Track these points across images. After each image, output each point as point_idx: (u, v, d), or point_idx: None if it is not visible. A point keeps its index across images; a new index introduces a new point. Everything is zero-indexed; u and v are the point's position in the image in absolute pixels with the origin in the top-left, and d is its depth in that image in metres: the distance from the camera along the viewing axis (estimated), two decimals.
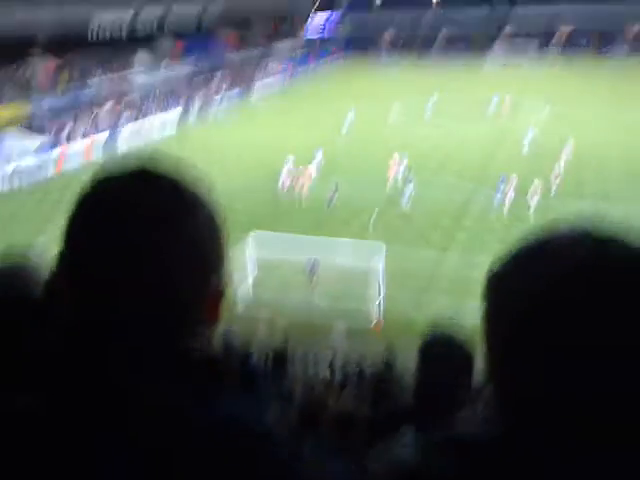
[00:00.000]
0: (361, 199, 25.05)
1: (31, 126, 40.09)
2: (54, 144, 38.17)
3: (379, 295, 16.80)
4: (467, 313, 16.39)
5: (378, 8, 77.94)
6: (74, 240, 0.84)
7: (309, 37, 77.37)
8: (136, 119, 45.25)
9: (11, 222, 24.77)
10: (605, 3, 67.47)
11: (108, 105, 45.97)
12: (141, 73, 52.28)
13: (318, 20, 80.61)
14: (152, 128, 44.18)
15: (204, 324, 0.89)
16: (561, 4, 70.49)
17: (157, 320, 0.83)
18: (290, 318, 16.43)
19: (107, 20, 51.36)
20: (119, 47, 52.80)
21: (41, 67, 46.83)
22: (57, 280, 0.85)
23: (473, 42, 71.22)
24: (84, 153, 38.46)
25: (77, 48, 49.44)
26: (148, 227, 0.82)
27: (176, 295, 0.84)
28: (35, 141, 37.88)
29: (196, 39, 61.03)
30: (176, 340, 0.85)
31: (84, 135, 40.61)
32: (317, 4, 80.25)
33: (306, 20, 79.87)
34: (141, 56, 54.41)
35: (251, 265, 18.14)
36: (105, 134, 41.46)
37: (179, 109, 48.48)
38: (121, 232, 0.81)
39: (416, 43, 73.01)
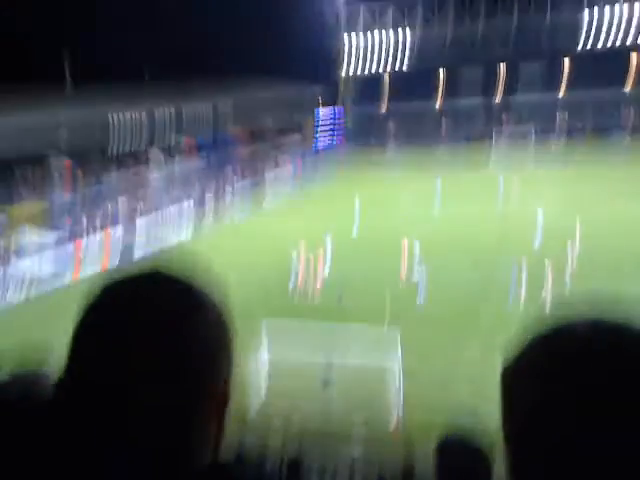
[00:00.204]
0: (374, 295, 25.14)
1: (46, 224, 40.92)
2: (70, 241, 38.89)
3: (398, 397, 16.54)
4: (487, 413, 16.20)
5: (382, 104, 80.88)
6: (79, 343, 0.86)
7: (317, 130, 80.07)
8: (150, 214, 46.28)
9: (28, 330, 24.88)
10: (601, 89, 70.03)
11: (122, 201, 47.11)
12: (154, 169, 53.85)
13: (323, 115, 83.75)
14: (166, 223, 45.07)
15: (211, 430, 0.87)
16: (558, 92, 73.29)
17: (162, 426, 0.82)
18: (305, 422, 16.12)
19: (120, 119, 53.47)
20: (132, 144, 54.80)
21: (56, 166, 48.35)
22: (64, 384, 0.86)
23: (475, 134, 73.47)
24: (101, 251, 39.07)
25: (91, 147, 51.34)
26: (155, 332, 0.83)
27: (182, 401, 0.84)
28: (50, 238, 38.59)
29: (207, 135, 63.38)
30: (181, 448, 0.82)
31: (99, 231, 41.44)
32: (321, 100, 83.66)
33: (311, 115, 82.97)
34: (154, 152, 56.26)
35: (264, 366, 18.01)
36: (120, 230, 42.33)
37: (192, 203, 49.67)
38: (126, 337, 0.82)
39: (420, 135, 75.31)
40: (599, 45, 71.54)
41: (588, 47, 72.20)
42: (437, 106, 77.96)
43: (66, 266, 36.59)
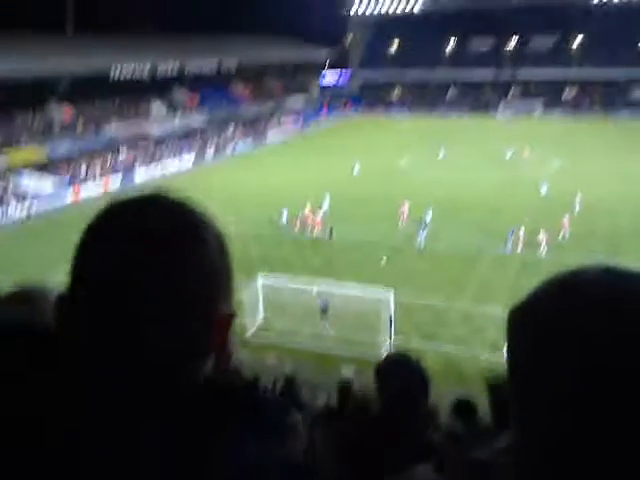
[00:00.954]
0: (371, 244, 25.28)
1: (46, 168, 40.73)
2: (67, 190, 38.72)
3: (389, 331, 16.65)
4: (476, 350, 16.36)
5: (390, 70, 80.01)
6: (82, 263, 0.81)
7: (323, 87, 79.48)
8: (150, 166, 46.06)
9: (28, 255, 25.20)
10: (608, 67, 69.46)
11: (123, 151, 46.88)
12: (156, 122, 53.39)
13: (330, 75, 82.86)
14: (166, 175, 44.80)
15: (214, 351, 0.85)
16: (566, 67, 72.60)
17: (166, 347, 0.79)
18: (301, 349, 16.38)
19: (125, 69, 52.73)
20: (136, 96, 54.32)
21: (58, 112, 47.97)
22: (66, 305, 0.82)
23: (481, 99, 73.19)
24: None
25: (95, 96, 50.92)
26: (159, 250, 0.79)
27: (186, 321, 0.80)
28: (48, 185, 38.41)
29: (211, 90, 62.75)
30: (185, 369, 0.81)
31: (99, 180, 41.25)
32: (329, 61, 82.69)
33: (319, 76, 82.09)
34: (157, 105, 55.76)
35: (262, 302, 18.08)
36: (119, 179, 42.10)
37: (192, 157, 49.43)
38: (130, 255, 0.78)
39: (425, 98, 74.95)
40: (611, 23, 70.59)
41: (600, 23, 71.29)
42: (444, 73, 77.08)
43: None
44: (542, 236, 23.94)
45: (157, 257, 0.79)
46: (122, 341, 0.78)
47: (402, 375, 2.59)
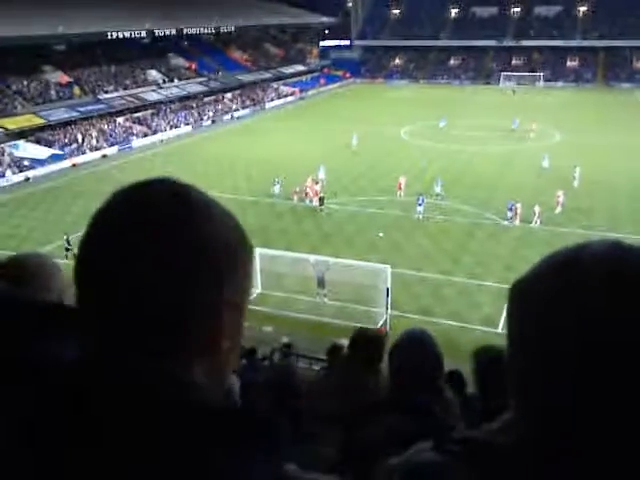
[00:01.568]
0: (367, 216, 25.23)
1: (41, 138, 40.39)
2: (63, 157, 38.41)
3: (386, 301, 16.67)
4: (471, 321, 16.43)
5: (390, 33, 78.96)
6: (86, 253, 0.79)
7: (323, 54, 78.57)
8: (147, 132, 45.64)
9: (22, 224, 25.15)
10: (612, 37, 68.64)
11: (119, 120, 46.43)
12: (153, 90, 52.77)
13: (330, 43, 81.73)
14: (163, 142, 44.32)
15: (216, 347, 0.79)
16: (568, 39, 71.73)
17: (167, 339, 0.76)
18: (298, 314, 16.49)
19: (121, 37, 51.86)
20: (132, 64, 53.64)
21: (54, 81, 47.41)
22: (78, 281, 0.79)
23: (484, 69, 72.44)
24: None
25: (91, 64, 50.25)
26: (160, 238, 0.76)
27: (186, 314, 0.76)
28: (44, 152, 38.11)
29: (209, 58, 61.97)
30: (187, 363, 0.77)
31: (96, 146, 40.94)
32: (330, 29, 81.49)
33: (317, 45, 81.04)
34: (154, 74, 55.10)
35: (259, 272, 18.02)
36: (115, 149, 41.75)
37: (190, 124, 48.99)
38: (131, 244, 0.76)
39: (425, 69, 74.20)
40: None
41: None
42: (444, 43, 76.14)
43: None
44: (536, 210, 23.85)
45: (158, 246, 0.76)
46: (126, 328, 0.75)
47: (414, 350, 2.57)
